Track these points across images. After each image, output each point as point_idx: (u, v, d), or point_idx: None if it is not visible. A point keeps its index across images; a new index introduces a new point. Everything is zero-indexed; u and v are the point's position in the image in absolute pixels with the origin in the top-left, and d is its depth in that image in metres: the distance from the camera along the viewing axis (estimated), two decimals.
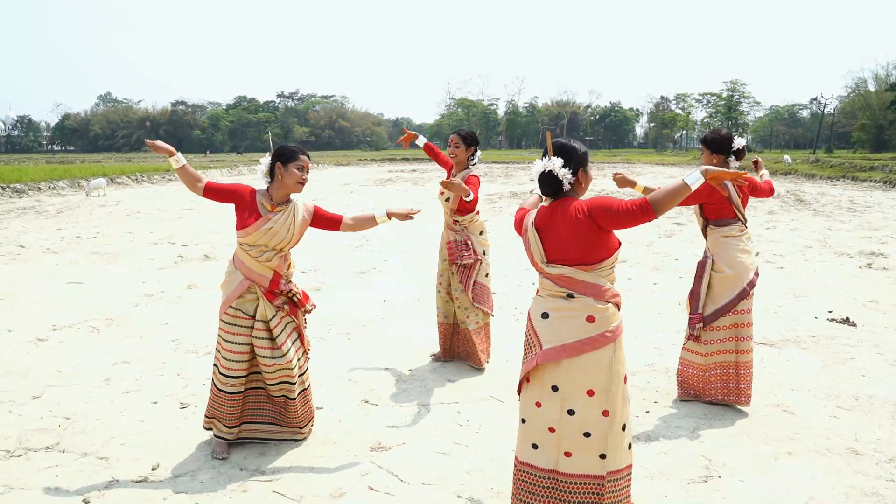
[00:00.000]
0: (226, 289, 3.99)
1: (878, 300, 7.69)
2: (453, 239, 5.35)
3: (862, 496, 3.51)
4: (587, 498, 2.91)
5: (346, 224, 4.14)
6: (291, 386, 4.05)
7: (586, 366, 2.84)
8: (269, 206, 3.89)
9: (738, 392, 4.59)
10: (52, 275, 9.47)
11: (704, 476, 3.75)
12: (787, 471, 3.80)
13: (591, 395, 2.85)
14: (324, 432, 4.35)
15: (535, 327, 2.98)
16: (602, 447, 2.87)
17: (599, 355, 2.85)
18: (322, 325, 6.87)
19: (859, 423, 4.42)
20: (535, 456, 2.97)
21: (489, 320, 5.56)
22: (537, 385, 2.95)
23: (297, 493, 3.59)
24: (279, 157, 3.89)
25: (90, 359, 5.82)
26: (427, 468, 3.86)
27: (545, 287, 2.99)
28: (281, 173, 3.87)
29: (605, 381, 2.85)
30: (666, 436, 4.26)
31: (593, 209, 2.81)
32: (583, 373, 2.85)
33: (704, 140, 4.73)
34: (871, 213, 16.76)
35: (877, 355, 5.76)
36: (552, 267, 2.93)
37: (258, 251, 3.88)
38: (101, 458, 4.00)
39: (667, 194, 2.74)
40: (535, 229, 2.99)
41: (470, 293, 5.32)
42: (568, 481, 2.92)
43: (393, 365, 5.68)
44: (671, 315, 7.16)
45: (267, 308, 3.92)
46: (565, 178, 2.92)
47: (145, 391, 5.07)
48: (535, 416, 2.96)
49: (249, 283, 3.90)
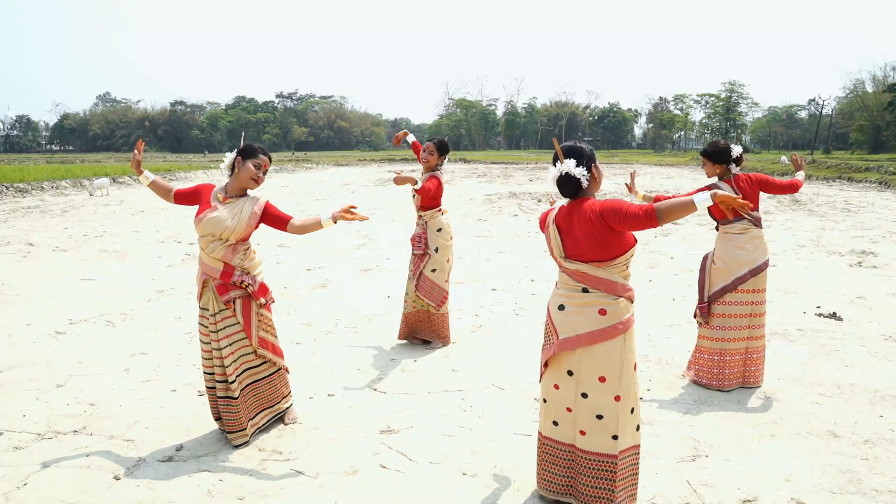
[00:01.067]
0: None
1: (866, 296, 7.96)
2: (415, 232, 6.06)
3: (837, 473, 3.79)
4: (601, 474, 3.23)
5: (293, 226, 4.13)
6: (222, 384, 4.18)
7: (598, 355, 3.14)
8: (221, 198, 4.11)
9: (750, 374, 5.08)
10: (63, 272, 9.73)
11: (693, 455, 4.02)
12: (770, 451, 4.07)
13: (603, 382, 3.15)
14: (336, 417, 4.62)
15: (553, 318, 3.29)
16: (614, 429, 3.17)
17: (610, 346, 3.13)
18: (330, 319, 7.15)
19: (840, 408, 4.70)
20: (556, 431, 3.35)
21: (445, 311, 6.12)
22: (555, 369, 3.29)
23: (313, 471, 3.86)
24: (241, 152, 4.14)
25: (108, 350, 6.08)
26: (434, 449, 4.13)
27: (563, 281, 3.30)
28: (238, 167, 4.11)
29: (616, 368, 3.14)
30: (658, 419, 4.54)
31: (605, 211, 3.04)
32: (595, 361, 3.15)
33: (705, 153, 5.12)
34: (865, 213, 17.04)
35: (860, 347, 6.04)
36: (570, 262, 3.21)
37: (206, 241, 4.06)
38: (127, 441, 4.27)
39: (672, 207, 2.90)
40: (556, 226, 3.28)
41: (414, 283, 6.03)
42: (584, 457, 3.26)
43: (399, 356, 5.95)
44: (665, 310, 7.43)
45: (215, 301, 4.10)
46: (583, 177, 3.16)
47: (164, 380, 5.34)
48: (554, 396, 3.31)
49: (206, 278, 4.11)
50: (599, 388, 3.16)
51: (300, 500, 3.55)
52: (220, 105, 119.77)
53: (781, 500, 3.50)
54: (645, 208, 2.94)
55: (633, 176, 5.55)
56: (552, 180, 3.23)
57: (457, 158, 62.00)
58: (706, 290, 5.06)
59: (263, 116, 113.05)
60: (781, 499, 3.52)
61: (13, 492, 3.60)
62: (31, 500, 3.53)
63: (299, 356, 5.84)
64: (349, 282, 9.12)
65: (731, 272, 4.96)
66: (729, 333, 5.00)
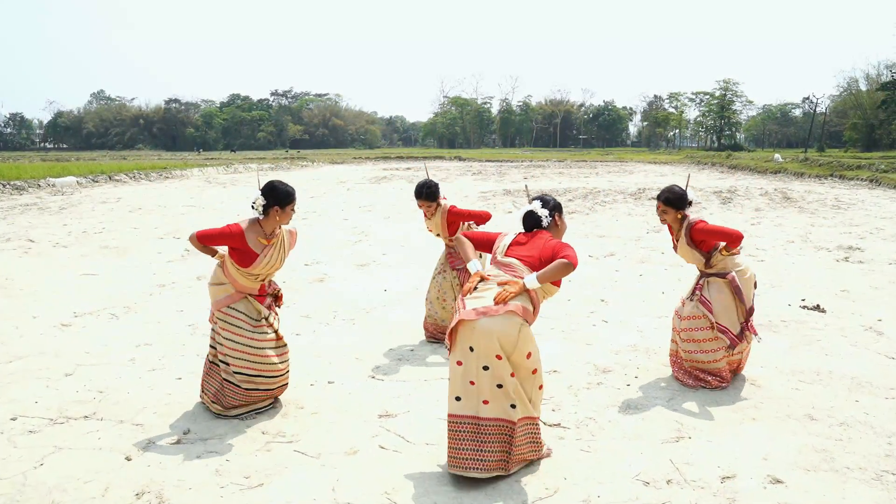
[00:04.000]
0: (218, 295, 4.55)
1: (850, 290, 8.19)
2: (452, 251, 6.31)
3: (812, 452, 4.00)
4: (501, 437, 3.63)
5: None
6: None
7: (492, 332, 3.49)
8: (264, 241, 4.43)
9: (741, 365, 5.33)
10: (65, 267, 9.90)
11: (676, 437, 4.23)
12: (750, 433, 4.29)
13: (500, 359, 3.53)
14: (336, 402, 4.82)
15: (465, 299, 3.69)
16: (511, 399, 3.60)
17: (505, 326, 3.50)
18: (328, 311, 7.35)
19: (818, 394, 4.92)
20: (459, 406, 3.64)
21: None
22: (458, 348, 3.61)
23: (315, 452, 4.06)
24: (278, 201, 4.37)
25: (114, 342, 6.27)
26: (430, 431, 4.33)
27: (488, 270, 3.85)
28: (279, 215, 4.42)
29: (509, 349, 3.54)
30: (644, 405, 4.75)
31: (558, 251, 3.74)
32: (489, 338, 3.50)
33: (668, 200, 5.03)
34: (855, 210, 17.28)
35: (841, 337, 6.27)
36: (506, 258, 3.84)
37: (255, 278, 4.51)
38: (137, 425, 4.46)
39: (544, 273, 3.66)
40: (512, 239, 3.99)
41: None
42: (486, 423, 3.61)
43: (395, 346, 6.16)
44: (654, 302, 7.65)
45: (259, 308, 4.59)
46: (543, 215, 3.99)
47: (169, 370, 5.53)
48: (457, 372, 3.64)
49: (242, 295, 4.54)
50: (497, 364, 3.54)
51: (304, 478, 3.75)
52: (215, 103, 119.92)
53: (758, 477, 3.72)
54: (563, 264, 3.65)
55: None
56: (520, 215, 4.06)
57: (452, 156, 62.19)
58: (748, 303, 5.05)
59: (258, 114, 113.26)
60: (758, 476, 3.73)
61: (31, 471, 3.80)
62: (49, 478, 3.72)
63: (300, 346, 6.03)
64: (346, 276, 9.32)
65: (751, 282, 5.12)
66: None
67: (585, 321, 6.92)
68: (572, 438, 4.22)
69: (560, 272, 3.63)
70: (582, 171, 37.70)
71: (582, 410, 4.65)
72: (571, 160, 54.35)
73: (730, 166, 40.78)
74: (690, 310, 5.07)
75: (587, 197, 21.12)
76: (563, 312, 7.18)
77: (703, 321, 4.99)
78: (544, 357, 5.46)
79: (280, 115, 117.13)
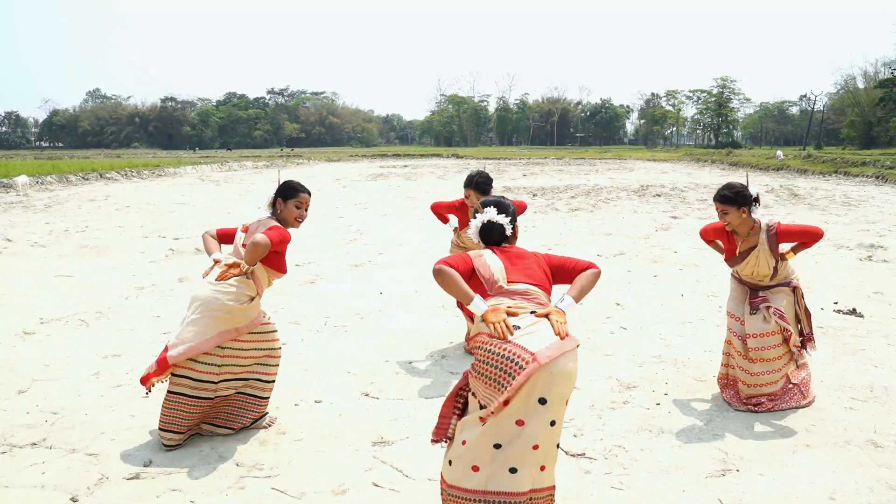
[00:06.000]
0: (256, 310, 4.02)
1: (883, 291, 7.57)
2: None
3: (887, 489, 3.38)
4: None
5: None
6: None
7: (571, 374, 2.67)
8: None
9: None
10: (40, 268, 9.25)
11: (722, 470, 3.60)
12: (807, 464, 3.66)
13: (565, 407, 2.73)
14: (324, 426, 4.18)
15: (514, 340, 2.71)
16: (544, 460, 2.74)
17: (576, 364, 2.72)
18: (319, 317, 6.70)
19: (877, 414, 4.29)
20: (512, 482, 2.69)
21: None
22: (520, 403, 2.62)
23: (297, 490, 3.42)
24: (281, 193, 4.02)
25: (79, 352, 5.62)
26: (432, 463, 3.68)
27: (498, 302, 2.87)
28: (281, 208, 4.02)
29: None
30: (679, 428, 4.12)
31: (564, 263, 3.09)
32: (567, 382, 2.67)
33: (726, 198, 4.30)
34: (867, 206, 16.69)
35: (887, 346, 5.64)
36: (517, 285, 2.93)
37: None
38: (91, 455, 3.82)
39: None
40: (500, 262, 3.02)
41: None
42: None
43: (393, 357, 5.51)
44: (674, 307, 7.02)
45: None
46: (505, 223, 3.13)
47: (136, 385, 4.87)
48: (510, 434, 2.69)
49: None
50: (561, 414, 2.72)
51: None
52: (211, 101, 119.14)
53: None
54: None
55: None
56: (475, 231, 3.20)
57: (449, 154, 61.55)
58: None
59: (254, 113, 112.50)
60: None
61: None
62: None
63: (285, 358, 5.36)
64: (340, 278, 8.67)
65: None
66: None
67: (602, 328, 6.28)
68: (600, 472, 3.58)
69: (592, 285, 3.00)
70: (581, 169, 37.08)
71: (608, 436, 4.01)
72: (570, 157, 53.75)
73: (731, 163, 40.20)
74: (761, 325, 4.33)
75: (590, 194, 20.51)
76: (576, 318, 6.54)
77: (776, 337, 4.31)
78: None
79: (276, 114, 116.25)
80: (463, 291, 2.81)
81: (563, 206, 17.44)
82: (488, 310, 2.77)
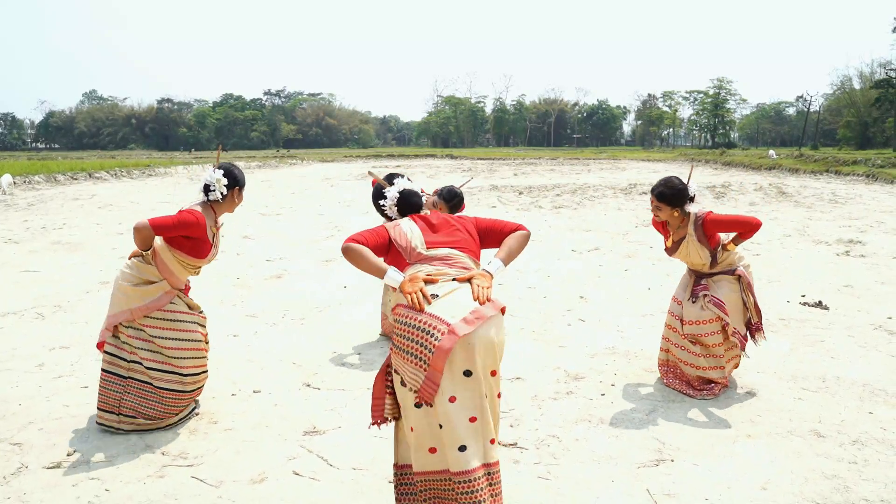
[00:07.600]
0: (152, 295, 3.87)
1: (853, 285, 7.49)
2: None
3: (822, 479, 3.28)
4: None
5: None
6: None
7: (493, 343, 2.60)
8: (214, 229, 3.97)
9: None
10: (7, 263, 9.15)
11: (656, 460, 3.51)
12: (745, 454, 3.56)
13: (494, 377, 2.64)
14: (256, 416, 4.09)
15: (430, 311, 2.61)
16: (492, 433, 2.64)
17: (500, 331, 2.66)
18: (278, 310, 6.61)
19: (824, 404, 4.20)
20: (461, 458, 2.57)
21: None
22: (449, 380, 2.52)
23: (216, 479, 3.33)
24: (238, 182, 3.94)
25: (27, 345, 5.53)
26: (361, 452, 3.60)
27: (418, 270, 2.77)
28: (236, 197, 3.97)
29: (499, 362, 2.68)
30: (619, 419, 4.02)
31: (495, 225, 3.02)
32: (489, 351, 2.59)
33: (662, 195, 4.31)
34: (853, 204, 16.60)
35: (847, 338, 5.55)
36: (436, 250, 2.84)
37: (197, 269, 4.00)
38: (15, 444, 3.73)
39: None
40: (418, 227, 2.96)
41: None
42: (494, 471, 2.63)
43: (342, 348, 5.42)
44: (638, 300, 6.93)
45: (190, 301, 4.08)
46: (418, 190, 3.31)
47: (78, 376, 4.79)
48: (450, 415, 2.58)
49: (175, 292, 3.94)
50: (493, 384, 2.64)
51: None
52: (208, 102, 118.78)
53: None
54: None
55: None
56: (392, 203, 3.20)
57: (443, 155, 61.45)
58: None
59: (251, 114, 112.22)
60: None
61: None
62: None
63: (230, 350, 5.30)
64: (307, 273, 8.57)
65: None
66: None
67: (560, 320, 6.18)
68: (529, 462, 3.49)
69: (522, 247, 2.89)
70: (574, 168, 36.98)
71: (545, 426, 3.91)
72: (564, 158, 53.67)
73: (724, 163, 40.12)
74: (697, 313, 4.30)
75: (576, 192, 20.42)
76: (536, 310, 6.46)
77: (714, 325, 4.26)
78: (509, 360, 4.76)
79: (273, 115, 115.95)
80: (374, 266, 2.70)
81: (548, 203, 17.34)
82: (405, 280, 2.66)
